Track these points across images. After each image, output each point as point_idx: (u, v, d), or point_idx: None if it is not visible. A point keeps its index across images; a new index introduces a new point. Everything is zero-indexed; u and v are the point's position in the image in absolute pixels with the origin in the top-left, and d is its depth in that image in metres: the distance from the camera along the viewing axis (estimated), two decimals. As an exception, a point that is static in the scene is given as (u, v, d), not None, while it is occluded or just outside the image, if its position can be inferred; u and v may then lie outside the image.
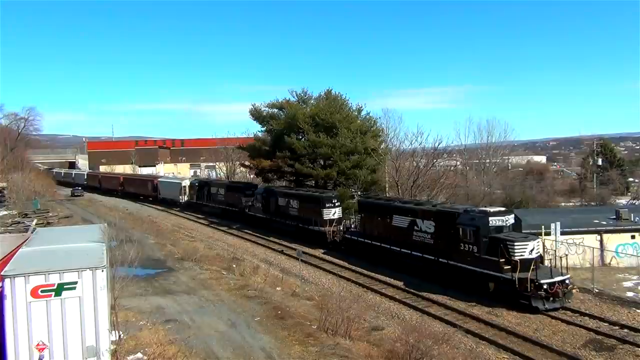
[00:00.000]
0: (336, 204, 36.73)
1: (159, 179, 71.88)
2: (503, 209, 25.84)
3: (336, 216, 36.33)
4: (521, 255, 21.78)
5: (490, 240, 23.02)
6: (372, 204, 32.81)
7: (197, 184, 60.25)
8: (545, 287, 20.99)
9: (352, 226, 35.42)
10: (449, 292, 24.27)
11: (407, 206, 29.22)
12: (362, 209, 33.71)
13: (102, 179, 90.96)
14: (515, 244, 22.05)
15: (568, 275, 22.10)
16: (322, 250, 34.75)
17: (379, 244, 30.31)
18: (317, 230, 36.09)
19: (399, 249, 28.55)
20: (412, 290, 25.02)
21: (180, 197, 61.86)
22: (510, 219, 24.00)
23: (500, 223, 23.55)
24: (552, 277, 21.36)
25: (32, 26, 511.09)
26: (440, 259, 25.54)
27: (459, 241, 24.25)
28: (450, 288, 24.44)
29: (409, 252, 27.65)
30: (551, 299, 21.13)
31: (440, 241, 25.72)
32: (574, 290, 23.00)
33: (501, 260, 22.14)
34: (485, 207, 27.41)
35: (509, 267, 21.83)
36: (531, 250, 22.13)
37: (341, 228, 35.38)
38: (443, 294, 24.15)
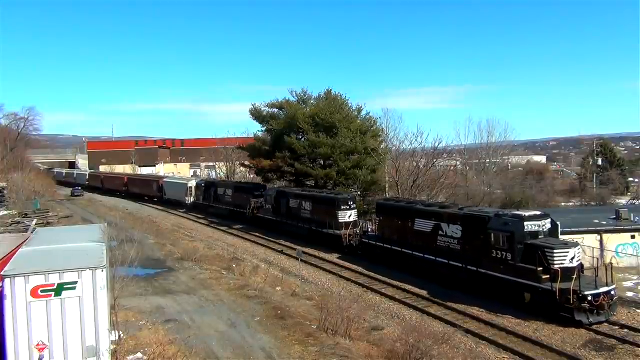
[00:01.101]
0: (352, 206, 35.17)
1: (164, 180, 70.11)
2: (538, 212, 23.35)
3: (352, 219, 34.70)
4: (561, 264, 20.10)
5: (526, 247, 21.25)
6: (392, 207, 31.05)
7: (203, 185, 58.72)
8: (589, 299, 19.21)
9: (369, 230, 33.79)
10: (478, 301, 22.48)
11: (430, 209, 27.43)
12: (380, 212, 32.07)
13: (104, 179, 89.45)
14: (555, 251, 20.38)
15: (614, 286, 20.41)
16: (338, 255, 33.22)
17: (399, 249, 28.60)
18: (332, 233, 34.39)
19: (422, 255, 26.76)
20: (439, 301, 23.12)
21: (186, 198, 60.45)
22: (546, 224, 22.25)
23: (536, 228, 21.81)
24: (597, 288, 19.61)
25: (32, 26, 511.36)
26: (468, 267, 23.74)
27: (490, 248, 22.51)
28: (480, 298, 22.72)
29: (434, 258, 25.88)
30: (596, 311, 19.42)
31: (469, 247, 24.09)
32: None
33: (539, 269, 20.43)
34: (518, 210, 25.14)
35: (548, 276, 20.14)
36: (572, 259, 20.42)
37: (358, 232, 33.69)
38: (472, 304, 22.30)
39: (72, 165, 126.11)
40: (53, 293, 11.43)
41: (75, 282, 11.60)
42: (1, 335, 11.36)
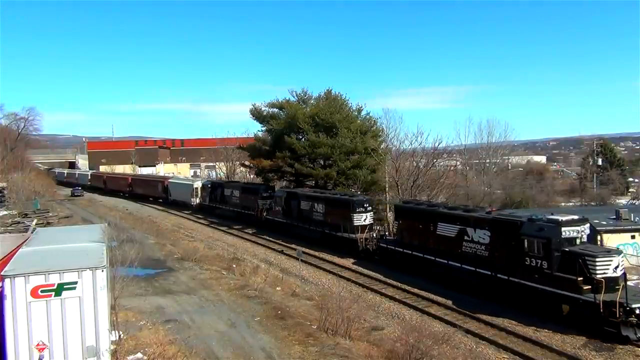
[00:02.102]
0: (368, 209, 33.62)
1: (169, 180, 68.33)
2: (576, 217, 21.51)
3: (367, 222, 33.20)
4: (604, 273, 18.53)
5: (563, 254, 19.73)
6: (412, 210, 29.27)
7: (209, 186, 57.30)
8: (637, 312, 17.71)
9: (386, 233, 32.40)
10: (509, 313, 21.12)
11: (455, 213, 25.91)
12: (399, 215, 30.48)
13: (107, 179, 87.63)
14: (597, 259, 18.81)
15: None
16: (353, 260, 31.70)
17: (420, 254, 27.06)
18: (347, 237, 32.96)
19: (446, 261, 25.25)
20: (465, 311, 21.81)
21: (192, 199, 58.86)
22: (585, 229, 20.71)
23: (574, 234, 20.24)
24: None
25: (32, 26, 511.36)
26: (498, 275, 22.18)
27: (523, 255, 20.98)
28: (511, 308, 21.24)
29: (459, 265, 24.39)
30: None
31: (498, 254, 22.51)
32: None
33: (579, 278, 18.91)
34: (553, 214, 23.05)
35: (589, 287, 18.65)
36: (616, 267, 18.85)
37: (374, 235, 32.30)
38: (504, 315, 20.99)
39: (72, 165, 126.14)
40: (53, 293, 11.42)
41: (75, 282, 11.59)
42: (1, 335, 11.35)
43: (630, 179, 80.00)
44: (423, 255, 26.92)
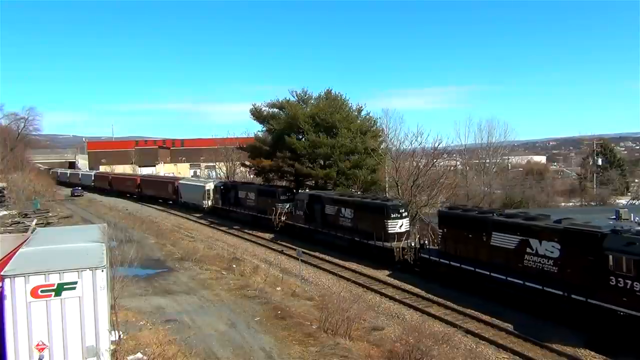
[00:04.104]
0: (404, 214, 30.61)
1: (179, 181, 65.35)
2: None
3: (404, 229, 30.21)
4: None
5: None
6: (459, 217, 26.26)
7: (222, 187, 53.93)
8: None
9: (425, 242, 29.39)
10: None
11: (514, 221, 22.89)
12: (444, 223, 27.31)
13: (113, 180, 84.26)
14: None
15: None
16: (387, 272, 28.68)
17: (471, 268, 24.00)
18: (380, 246, 29.86)
19: (504, 277, 22.14)
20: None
21: (204, 201, 56.33)
22: None
23: None
24: None
25: (32, 26, 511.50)
26: (572, 295, 19.21)
27: (607, 273, 18.05)
28: (590, 334, 18.62)
29: (521, 282, 21.28)
30: None
31: (571, 270, 19.60)
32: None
33: None
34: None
35: None
36: None
37: (412, 244, 29.44)
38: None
39: (72, 165, 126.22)
40: (53, 293, 11.41)
41: (75, 282, 11.59)
42: (1, 335, 11.35)
43: (630, 179, 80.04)
44: (475, 269, 23.78)
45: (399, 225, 30.15)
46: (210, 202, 55.86)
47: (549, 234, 20.87)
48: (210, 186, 57.01)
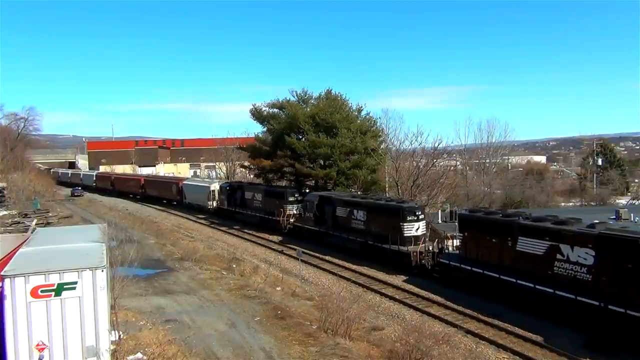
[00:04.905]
0: (420, 217, 29.44)
1: (184, 182, 64.09)
2: None
3: (420, 232, 29.10)
4: None
5: None
6: (482, 220, 24.95)
7: (228, 188, 52.50)
8: None
9: (444, 246, 28.18)
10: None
11: (542, 225, 21.46)
12: (465, 226, 26.06)
13: (116, 180, 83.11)
14: None
15: None
16: (403, 277, 27.43)
17: (496, 275, 22.60)
18: (396, 250, 28.71)
19: (532, 285, 20.73)
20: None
21: (209, 202, 55.03)
22: None
23: None
24: None
25: (32, 26, 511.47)
26: (609, 306, 17.88)
27: None
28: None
29: (551, 290, 19.97)
30: None
31: (607, 279, 18.24)
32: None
33: None
34: None
35: None
36: None
37: (430, 248, 28.29)
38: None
39: (72, 165, 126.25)
40: (53, 293, 11.41)
41: (75, 282, 11.59)
42: (1, 335, 11.35)
43: (630, 179, 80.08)
44: (499, 276, 22.44)
45: (415, 228, 29.01)
46: (215, 203, 54.70)
47: (581, 239, 19.46)
48: (215, 187, 55.84)
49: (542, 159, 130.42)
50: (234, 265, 29.62)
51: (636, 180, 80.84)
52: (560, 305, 19.72)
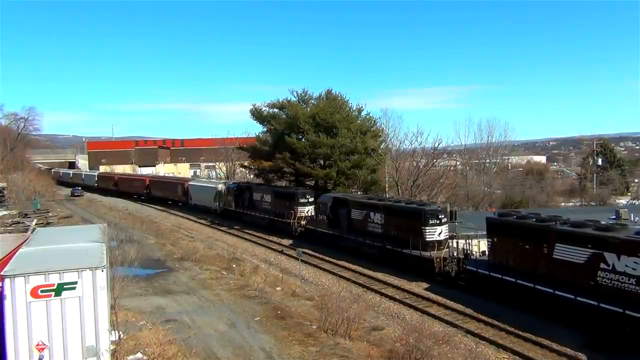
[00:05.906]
0: (443, 220, 27.78)
1: (189, 182, 62.68)
2: None
3: (443, 236, 27.42)
4: None
5: None
6: (513, 225, 23.21)
7: (235, 189, 50.60)
8: None
9: (470, 252, 26.28)
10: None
11: (583, 231, 19.74)
12: (494, 231, 24.24)
13: (119, 180, 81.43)
14: None
15: None
16: (426, 285, 25.79)
17: (529, 284, 20.93)
18: (417, 255, 27.01)
19: (572, 296, 19.08)
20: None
21: (215, 203, 53.56)
22: None
23: None
24: None
25: (32, 26, 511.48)
26: None
27: None
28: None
29: (595, 303, 18.27)
30: None
31: None
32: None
33: None
34: None
35: None
36: None
37: (455, 254, 26.45)
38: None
39: (72, 165, 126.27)
40: (53, 293, 11.41)
41: (75, 282, 11.59)
42: (1, 335, 11.35)
43: (630, 179, 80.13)
44: (533, 285, 20.78)
45: (438, 232, 27.35)
46: (222, 204, 52.95)
47: (630, 247, 17.83)
48: (222, 187, 54.07)
49: (542, 159, 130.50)
50: (234, 265, 29.63)
51: (636, 180, 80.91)
52: (606, 319, 18.05)
